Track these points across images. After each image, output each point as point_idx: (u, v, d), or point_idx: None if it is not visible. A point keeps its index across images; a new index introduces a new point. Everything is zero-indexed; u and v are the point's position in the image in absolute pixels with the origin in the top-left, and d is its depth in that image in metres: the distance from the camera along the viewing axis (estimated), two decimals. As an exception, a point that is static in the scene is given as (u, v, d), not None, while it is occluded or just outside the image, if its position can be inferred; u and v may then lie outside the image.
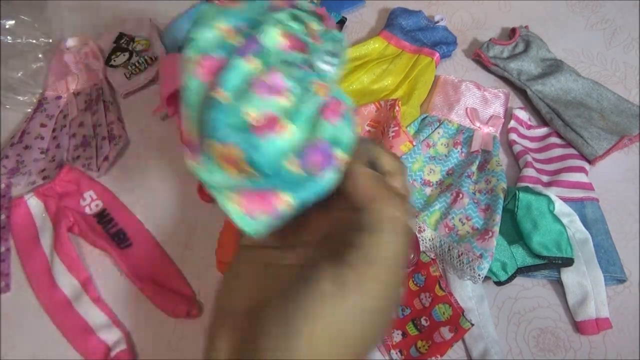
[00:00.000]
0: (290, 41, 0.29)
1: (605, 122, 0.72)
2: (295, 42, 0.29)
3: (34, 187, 0.75)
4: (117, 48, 0.88)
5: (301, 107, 0.26)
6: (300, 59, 0.28)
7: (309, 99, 0.26)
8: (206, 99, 0.27)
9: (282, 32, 0.29)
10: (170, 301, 0.63)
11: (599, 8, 0.89)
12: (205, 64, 0.27)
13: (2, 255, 0.69)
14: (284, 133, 0.25)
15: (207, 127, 0.26)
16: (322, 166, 0.25)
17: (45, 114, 0.81)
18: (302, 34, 0.29)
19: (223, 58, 0.27)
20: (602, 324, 0.59)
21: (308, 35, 0.29)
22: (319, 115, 0.26)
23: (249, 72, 0.27)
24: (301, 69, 0.27)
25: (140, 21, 0.91)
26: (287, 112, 0.26)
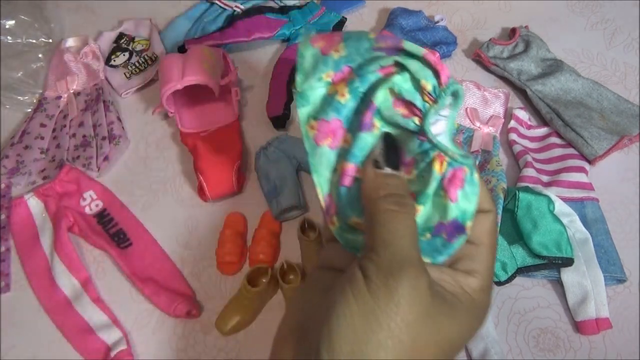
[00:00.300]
0: (404, 106, 0.29)
1: (605, 122, 0.72)
2: (408, 106, 0.29)
3: (34, 187, 0.75)
4: (117, 48, 0.88)
5: (426, 188, 0.27)
6: (414, 126, 0.29)
7: (431, 177, 0.27)
8: (338, 177, 0.29)
9: (394, 95, 0.29)
10: (170, 301, 0.63)
11: (599, 8, 0.89)
12: (322, 129, 0.29)
13: (2, 255, 0.69)
14: (417, 214, 0.27)
15: (343, 204, 0.29)
16: (454, 237, 0.27)
17: (45, 114, 0.81)
18: (414, 95, 0.28)
19: (336, 119, 0.29)
20: (602, 324, 0.59)
21: (421, 94, 0.28)
22: (444, 196, 0.27)
23: (373, 147, 0.29)
24: (418, 140, 0.28)
25: (140, 21, 0.91)
26: (417, 192, 0.28)
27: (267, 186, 0.70)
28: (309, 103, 0.29)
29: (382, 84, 0.28)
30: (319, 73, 0.29)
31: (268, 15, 0.87)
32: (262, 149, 0.73)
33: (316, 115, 0.29)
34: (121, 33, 0.90)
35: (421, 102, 0.28)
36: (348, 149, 0.29)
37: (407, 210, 0.26)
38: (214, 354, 0.62)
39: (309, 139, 0.29)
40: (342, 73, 0.29)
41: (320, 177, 0.29)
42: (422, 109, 0.28)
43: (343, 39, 0.30)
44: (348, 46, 0.29)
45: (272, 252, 0.66)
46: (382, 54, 0.29)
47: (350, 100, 0.29)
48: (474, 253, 0.28)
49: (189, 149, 0.76)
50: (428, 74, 0.28)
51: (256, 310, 0.63)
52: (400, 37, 0.30)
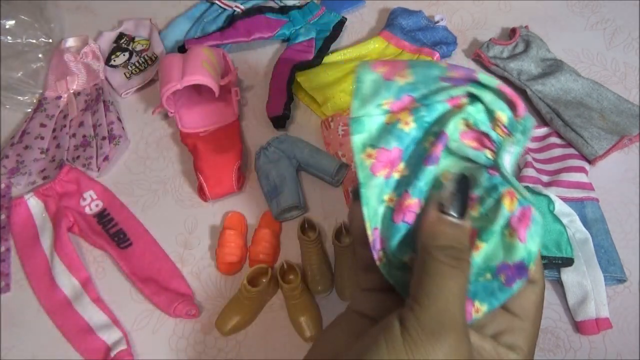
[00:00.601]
0: (475, 137, 0.28)
1: (605, 122, 0.72)
2: (480, 137, 0.27)
3: (34, 187, 0.75)
4: (117, 48, 0.88)
5: (492, 224, 0.26)
6: (485, 159, 0.27)
7: (499, 214, 0.26)
8: (389, 209, 0.27)
9: (466, 127, 0.27)
10: (170, 301, 0.63)
11: (599, 8, 0.89)
12: (381, 158, 0.27)
13: (2, 255, 0.69)
14: (477, 252, 0.26)
15: (400, 239, 0.27)
16: (514, 280, 0.26)
17: (45, 114, 0.81)
18: (487, 127, 0.27)
19: (398, 148, 0.27)
20: (602, 324, 0.59)
21: (494, 126, 0.27)
22: (511, 234, 0.26)
23: (438, 179, 0.27)
24: (488, 174, 0.27)
25: (140, 21, 0.91)
26: (479, 228, 0.26)
27: (267, 186, 0.70)
28: (365, 130, 0.28)
29: (455, 115, 0.27)
30: (380, 99, 0.28)
31: (268, 15, 0.87)
32: (262, 149, 0.73)
33: (374, 144, 0.27)
34: (121, 33, 0.90)
35: (495, 135, 0.27)
36: (410, 182, 0.27)
37: (463, 267, 0.24)
38: (214, 354, 0.62)
39: (365, 169, 0.27)
40: (402, 102, 0.28)
41: (370, 209, 0.27)
42: (496, 141, 0.27)
43: (409, 65, 0.28)
44: (416, 73, 0.28)
45: (272, 252, 0.66)
46: (449, 84, 0.27)
47: (415, 129, 0.27)
48: (519, 327, 0.26)
49: (189, 149, 0.76)
50: (503, 105, 0.27)
51: (256, 310, 0.63)
52: (472, 69, 0.28)
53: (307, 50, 0.83)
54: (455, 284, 0.23)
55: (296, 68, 0.80)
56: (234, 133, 0.76)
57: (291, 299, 0.61)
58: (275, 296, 0.65)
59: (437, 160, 0.27)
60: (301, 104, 0.82)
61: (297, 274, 0.62)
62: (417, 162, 0.27)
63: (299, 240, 0.66)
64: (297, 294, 0.61)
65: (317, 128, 0.79)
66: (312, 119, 0.80)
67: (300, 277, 0.62)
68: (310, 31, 0.86)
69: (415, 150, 0.28)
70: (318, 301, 0.64)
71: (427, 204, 0.26)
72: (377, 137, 0.28)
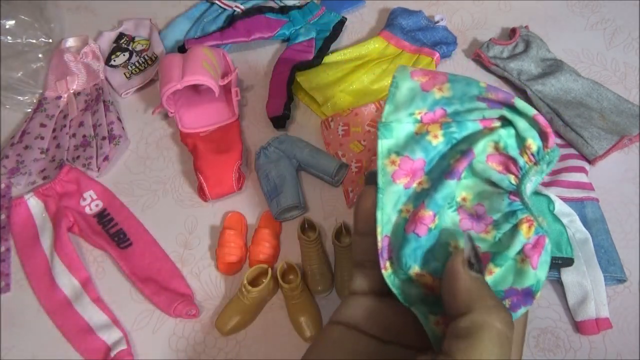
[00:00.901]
0: (502, 161, 0.28)
1: (605, 122, 0.72)
2: (507, 162, 0.27)
3: (34, 187, 0.75)
4: (117, 48, 0.88)
5: (507, 250, 0.26)
6: (508, 184, 0.27)
7: (516, 240, 0.26)
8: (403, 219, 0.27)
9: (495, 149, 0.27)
10: (170, 301, 0.63)
11: (599, 8, 0.89)
12: (404, 166, 0.27)
13: (2, 255, 0.69)
14: (490, 277, 0.26)
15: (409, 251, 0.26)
16: (519, 306, 0.26)
17: (45, 114, 0.81)
18: (516, 153, 0.27)
19: (422, 159, 0.27)
20: (602, 324, 0.59)
21: (523, 153, 0.27)
22: (523, 260, 0.26)
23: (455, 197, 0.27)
24: (509, 199, 0.27)
25: (140, 21, 0.91)
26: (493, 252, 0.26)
27: (267, 186, 0.70)
28: (392, 136, 0.28)
29: (485, 136, 0.27)
30: (413, 108, 0.28)
31: (268, 15, 0.87)
32: (262, 149, 0.73)
33: (400, 151, 0.27)
34: (121, 33, 0.90)
35: (523, 162, 0.27)
36: (428, 194, 0.27)
37: (512, 335, 0.22)
38: (214, 354, 0.62)
39: (386, 174, 0.27)
40: (434, 114, 0.28)
41: (385, 215, 0.27)
42: (522, 167, 0.27)
43: (450, 79, 0.28)
44: (454, 88, 0.28)
45: (272, 252, 0.66)
46: (484, 104, 0.28)
47: (442, 144, 0.28)
48: (463, 352, 0.26)
49: (189, 149, 0.76)
50: (534, 134, 0.27)
51: (256, 310, 0.63)
52: (511, 93, 0.28)
53: (307, 50, 0.83)
54: (502, 355, 0.22)
55: (296, 68, 0.80)
56: (234, 133, 0.76)
57: (291, 299, 0.61)
58: (275, 296, 0.65)
59: (458, 175, 0.27)
60: (301, 104, 0.82)
61: (297, 274, 0.62)
62: (439, 176, 0.27)
63: (299, 240, 0.66)
64: (297, 294, 0.61)
65: (317, 128, 0.79)
66: (312, 119, 0.80)
67: (300, 277, 0.62)
68: (310, 31, 0.86)
69: (438, 164, 0.28)
70: (318, 301, 0.64)
71: (454, 261, 0.25)
72: (403, 145, 0.28)
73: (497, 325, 0.22)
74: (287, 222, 0.71)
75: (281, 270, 0.63)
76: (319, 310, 0.63)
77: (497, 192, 0.28)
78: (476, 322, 0.22)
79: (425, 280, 0.27)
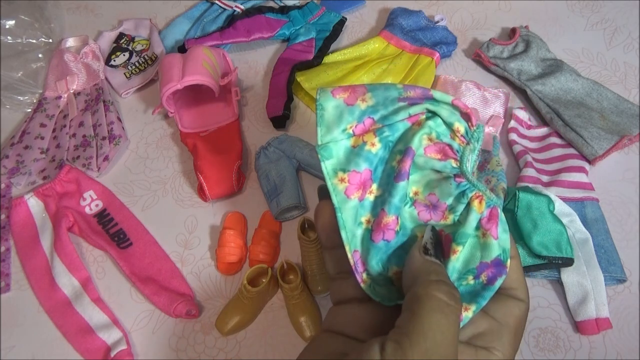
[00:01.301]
0: (438, 149, 0.29)
1: (605, 122, 0.72)
2: (443, 148, 0.29)
3: (34, 187, 0.75)
4: (117, 48, 0.88)
5: (464, 227, 0.28)
6: (451, 168, 0.29)
7: (470, 217, 0.28)
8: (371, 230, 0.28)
9: (429, 141, 0.29)
10: (170, 301, 0.63)
11: (599, 8, 0.89)
12: (353, 180, 0.28)
13: (2, 255, 0.69)
14: (455, 257, 0.27)
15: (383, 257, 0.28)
16: (496, 279, 0.28)
17: (45, 114, 0.81)
18: (448, 138, 0.29)
19: (368, 169, 0.29)
20: (602, 324, 0.59)
21: (454, 137, 0.29)
22: (484, 234, 0.28)
23: (408, 196, 0.29)
24: (455, 182, 0.29)
25: (140, 21, 0.91)
26: (454, 234, 0.28)
27: (267, 186, 0.70)
28: (333, 156, 0.29)
29: (417, 131, 0.29)
30: (344, 124, 0.29)
31: (268, 15, 0.87)
32: (262, 149, 0.73)
33: (345, 168, 0.28)
34: (121, 33, 0.90)
35: (457, 145, 0.29)
36: (385, 200, 0.28)
37: (457, 306, 0.24)
38: (214, 354, 0.62)
39: (339, 193, 0.28)
40: (364, 125, 0.29)
41: (349, 232, 0.28)
42: (458, 150, 0.29)
43: (369, 89, 0.30)
44: (376, 96, 0.29)
45: (272, 252, 0.66)
46: (406, 104, 0.29)
47: (381, 149, 0.29)
48: (497, 331, 0.27)
49: (189, 149, 0.76)
50: (458, 118, 0.29)
51: (256, 310, 0.63)
52: (426, 88, 0.30)
53: (307, 50, 0.84)
54: (449, 323, 0.23)
55: (296, 68, 0.80)
56: (234, 133, 0.76)
57: (291, 299, 0.61)
58: (275, 296, 0.65)
59: (406, 175, 0.28)
60: (301, 104, 0.82)
61: (297, 274, 0.62)
62: (388, 181, 0.29)
63: (299, 240, 0.66)
64: (297, 294, 0.61)
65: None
66: (312, 119, 0.80)
67: (300, 277, 0.62)
68: (310, 31, 0.86)
69: (384, 170, 0.29)
70: (318, 301, 0.64)
71: (411, 249, 0.27)
72: (345, 161, 0.29)
73: (437, 295, 0.23)
74: (287, 222, 0.71)
75: (281, 270, 0.63)
76: (319, 310, 0.63)
77: (443, 178, 0.29)
78: (417, 293, 0.24)
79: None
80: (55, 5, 0.94)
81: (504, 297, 0.28)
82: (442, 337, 0.22)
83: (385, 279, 0.28)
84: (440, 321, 0.22)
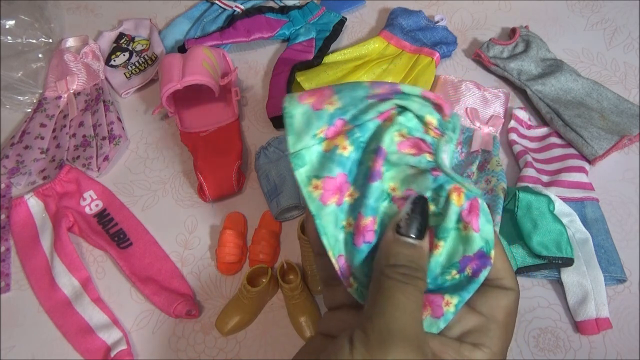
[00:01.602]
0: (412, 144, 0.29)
1: (605, 122, 0.72)
2: (417, 143, 0.29)
3: (34, 187, 0.75)
4: (117, 48, 0.88)
5: (445, 221, 0.27)
6: (427, 162, 0.28)
7: (450, 210, 0.27)
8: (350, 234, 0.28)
9: (400, 137, 0.28)
10: (170, 301, 0.63)
11: (599, 8, 0.89)
12: (328, 187, 0.28)
13: (2, 255, 0.69)
14: (438, 251, 0.27)
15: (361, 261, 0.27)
16: (479, 271, 0.27)
17: (45, 114, 0.81)
18: (421, 133, 0.28)
19: (342, 173, 0.28)
20: (602, 324, 0.59)
21: (427, 130, 0.29)
22: (465, 227, 0.27)
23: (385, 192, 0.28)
24: (432, 176, 0.28)
25: (140, 21, 0.91)
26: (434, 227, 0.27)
27: (267, 186, 0.70)
28: (306, 163, 0.28)
29: (387, 128, 0.28)
30: (314, 130, 0.28)
31: (268, 15, 0.87)
32: (262, 149, 0.73)
33: (318, 174, 0.28)
34: (121, 33, 0.90)
35: (430, 138, 0.28)
36: (361, 203, 0.28)
37: (415, 284, 0.24)
38: (214, 354, 0.62)
39: (315, 201, 0.27)
40: (336, 127, 0.28)
41: (330, 237, 0.27)
42: (432, 143, 0.28)
43: (335, 91, 0.29)
44: (343, 97, 0.28)
45: (272, 252, 0.66)
46: (375, 100, 0.28)
47: (354, 152, 0.28)
48: (485, 327, 0.26)
49: (189, 149, 0.76)
50: (430, 110, 0.28)
51: (256, 310, 0.63)
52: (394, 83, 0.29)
53: (307, 50, 0.84)
54: (406, 298, 0.23)
55: (296, 68, 0.80)
56: (234, 133, 0.76)
57: (291, 299, 0.61)
58: (275, 296, 0.65)
59: (380, 175, 0.28)
60: (301, 104, 0.82)
61: (297, 274, 0.62)
62: (364, 182, 0.28)
63: (299, 240, 0.66)
64: (297, 294, 0.61)
65: (317, 128, 0.79)
66: (312, 119, 0.80)
67: (300, 277, 0.62)
68: (310, 31, 0.86)
69: (359, 171, 0.29)
70: (318, 301, 0.64)
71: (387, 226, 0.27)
72: (319, 167, 0.28)
73: (394, 277, 0.24)
74: (287, 222, 0.71)
75: (281, 270, 0.63)
76: (319, 310, 0.63)
77: (420, 173, 0.29)
78: (374, 278, 0.25)
79: None
80: (55, 5, 0.94)
81: (491, 289, 0.27)
82: (399, 312, 0.23)
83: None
84: (400, 300, 0.23)
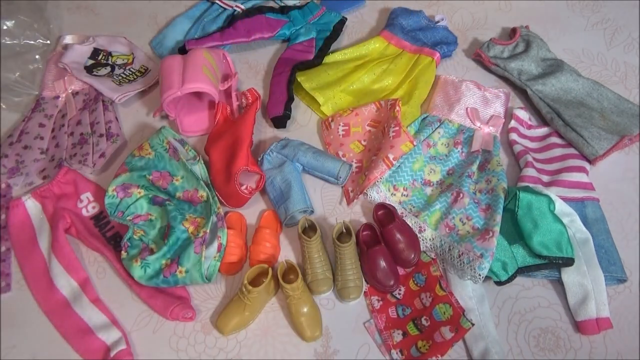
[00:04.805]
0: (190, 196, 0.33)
1: (605, 122, 0.72)
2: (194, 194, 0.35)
3: (31, 189, 0.75)
4: (97, 64, 0.85)
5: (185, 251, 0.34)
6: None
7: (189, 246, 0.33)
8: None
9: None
10: (167, 304, 0.62)
11: (599, 8, 0.90)
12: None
13: (2, 255, 0.69)
14: (182, 276, 0.33)
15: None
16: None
17: (44, 114, 0.81)
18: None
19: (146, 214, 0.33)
20: (602, 324, 0.59)
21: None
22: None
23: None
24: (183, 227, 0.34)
25: (115, 38, 0.89)
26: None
27: (273, 192, 0.70)
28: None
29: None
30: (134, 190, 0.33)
31: (268, 15, 0.87)
32: (264, 155, 0.73)
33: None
34: (96, 49, 0.87)
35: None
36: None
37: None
38: (214, 354, 0.62)
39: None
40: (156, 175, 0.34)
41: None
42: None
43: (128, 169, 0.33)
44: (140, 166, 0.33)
45: (272, 252, 0.66)
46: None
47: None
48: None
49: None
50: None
51: (256, 310, 0.63)
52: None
53: (307, 50, 0.83)
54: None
55: (297, 68, 0.80)
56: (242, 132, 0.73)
57: (291, 299, 0.61)
58: (275, 296, 0.65)
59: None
60: (301, 104, 0.82)
61: (297, 274, 0.62)
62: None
63: (299, 240, 0.66)
64: (297, 294, 0.61)
65: (317, 128, 0.79)
66: (312, 119, 0.80)
67: (301, 277, 0.62)
68: (311, 31, 0.86)
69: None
70: (318, 301, 0.64)
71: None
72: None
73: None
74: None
75: (281, 270, 0.63)
76: (319, 310, 0.62)
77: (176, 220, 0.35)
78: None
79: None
80: (55, 5, 0.94)
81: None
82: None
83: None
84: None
